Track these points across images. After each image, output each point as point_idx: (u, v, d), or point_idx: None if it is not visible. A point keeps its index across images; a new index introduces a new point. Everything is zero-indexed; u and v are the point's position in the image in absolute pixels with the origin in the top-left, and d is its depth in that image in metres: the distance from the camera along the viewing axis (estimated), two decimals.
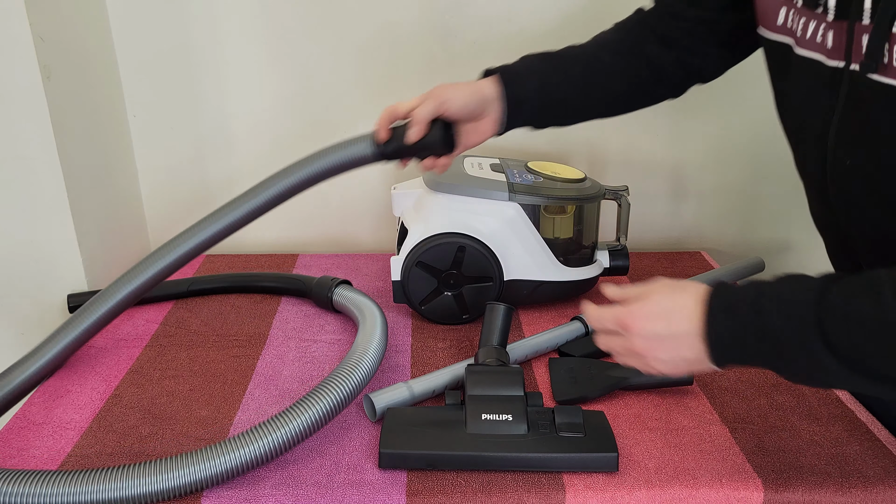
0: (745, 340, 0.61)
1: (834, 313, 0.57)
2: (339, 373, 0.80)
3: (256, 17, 1.19)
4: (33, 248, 1.04)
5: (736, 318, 0.61)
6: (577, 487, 0.73)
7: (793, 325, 0.58)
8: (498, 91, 0.89)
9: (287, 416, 0.74)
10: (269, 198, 0.91)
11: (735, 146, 1.32)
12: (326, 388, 0.77)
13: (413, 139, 0.85)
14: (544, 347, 0.95)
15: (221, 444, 0.71)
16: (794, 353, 0.59)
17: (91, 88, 1.11)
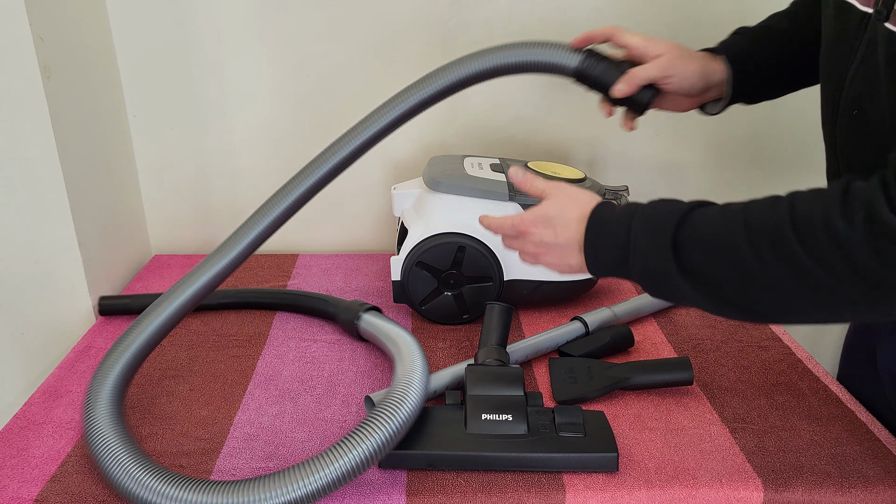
0: (614, 255, 0.67)
1: (690, 235, 0.63)
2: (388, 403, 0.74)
3: (256, 17, 1.19)
4: (33, 249, 1.04)
5: (608, 234, 0.68)
6: (577, 487, 0.73)
7: (654, 243, 0.64)
8: (727, 76, 0.86)
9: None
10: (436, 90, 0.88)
11: (735, 146, 1.32)
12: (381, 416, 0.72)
13: (618, 95, 0.82)
14: (544, 347, 0.95)
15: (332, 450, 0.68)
16: (648, 265, 0.65)
17: (91, 88, 1.11)
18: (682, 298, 0.65)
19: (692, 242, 0.63)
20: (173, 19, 1.18)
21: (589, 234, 0.69)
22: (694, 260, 0.62)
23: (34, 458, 0.77)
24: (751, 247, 0.59)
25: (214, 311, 1.08)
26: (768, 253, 0.58)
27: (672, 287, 0.64)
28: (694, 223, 0.63)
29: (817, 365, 0.95)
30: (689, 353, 0.98)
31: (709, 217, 0.63)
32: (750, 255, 0.59)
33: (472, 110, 1.27)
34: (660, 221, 0.65)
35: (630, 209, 0.68)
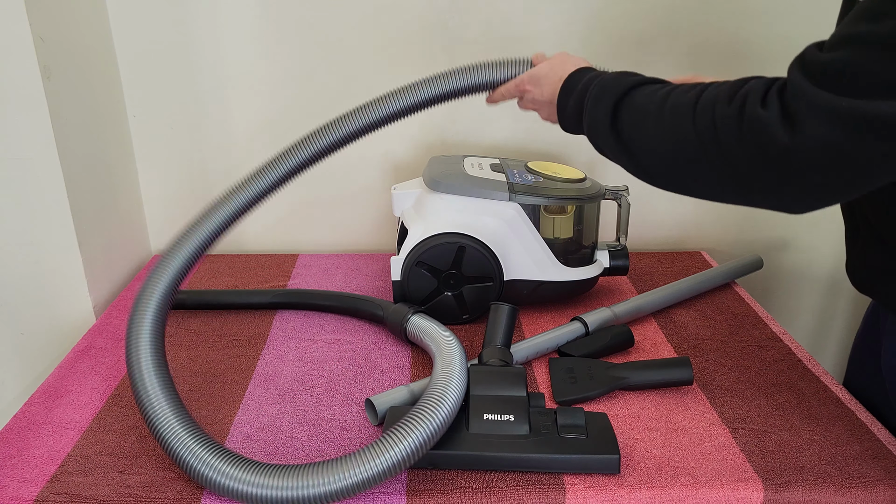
0: (574, 109, 0.80)
1: (628, 103, 0.73)
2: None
3: (256, 17, 1.19)
4: (33, 249, 1.04)
5: (574, 93, 0.81)
6: (578, 488, 0.73)
7: (600, 104, 0.75)
8: None
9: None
10: (408, 104, 0.94)
11: None
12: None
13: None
14: (545, 348, 0.95)
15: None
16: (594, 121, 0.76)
17: (91, 88, 1.11)
18: (610, 152, 0.76)
19: (627, 107, 0.73)
20: (173, 19, 1.18)
21: (561, 92, 0.83)
22: (622, 120, 0.73)
23: (34, 458, 0.77)
24: (659, 115, 0.69)
25: (215, 311, 1.08)
26: (668, 120, 0.68)
27: (603, 138, 0.76)
28: (634, 95, 0.73)
29: (817, 365, 0.95)
30: (689, 353, 0.98)
31: (648, 91, 0.72)
32: (657, 122, 0.69)
33: (472, 110, 1.27)
34: (606, 96, 0.75)
35: (595, 76, 0.79)
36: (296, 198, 1.32)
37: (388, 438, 0.69)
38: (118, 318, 1.07)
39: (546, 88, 0.85)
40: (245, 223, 1.33)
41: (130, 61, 1.20)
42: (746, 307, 1.10)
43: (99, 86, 1.14)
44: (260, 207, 1.31)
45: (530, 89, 0.88)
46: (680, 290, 1.10)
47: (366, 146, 1.29)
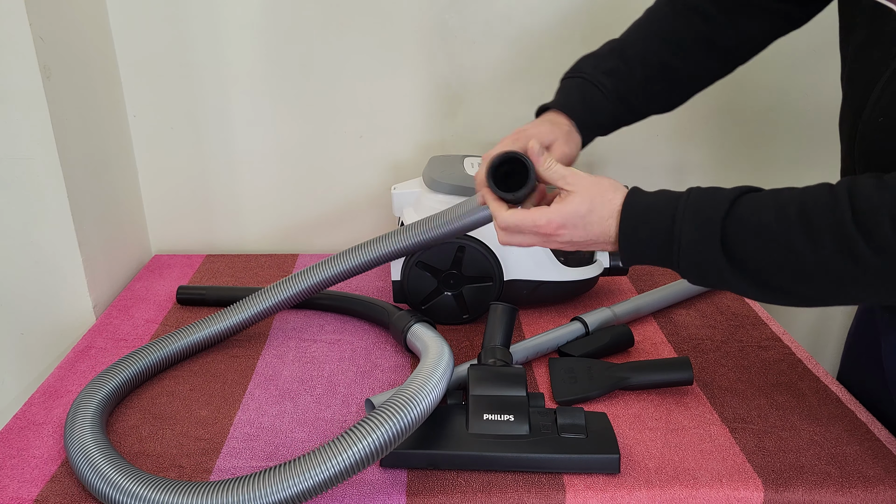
0: (656, 249, 0.66)
1: (739, 228, 0.62)
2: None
3: (256, 17, 1.19)
4: (33, 249, 1.04)
5: (647, 229, 0.66)
6: (578, 488, 0.73)
7: (700, 234, 0.63)
8: (571, 126, 0.86)
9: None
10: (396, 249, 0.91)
11: (735, 146, 1.32)
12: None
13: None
14: (545, 348, 0.95)
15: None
16: (696, 258, 0.64)
17: (91, 88, 1.11)
18: (729, 288, 0.65)
19: (742, 235, 0.62)
20: (173, 19, 1.18)
21: (625, 227, 0.68)
22: (746, 254, 0.62)
23: (34, 458, 0.77)
24: (809, 242, 0.59)
25: (215, 311, 1.08)
26: (829, 247, 0.58)
27: (722, 280, 0.64)
28: (742, 215, 0.62)
29: (817, 365, 0.95)
30: (689, 353, 0.98)
31: (757, 207, 0.62)
32: (808, 250, 0.59)
33: (472, 110, 1.27)
34: (706, 216, 0.64)
35: (669, 201, 0.66)
36: (296, 198, 1.32)
37: (343, 439, 0.66)
38: (118, 318, 1.07)
39: (593, 227, 0.69)
40: (245, 224, 1.33)
41: (130, 61, 1.20)
42: (746, 307, 1.10)
43: (99, 86, 1.14)
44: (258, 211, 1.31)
45: (565, 232, 0.70)
46: (680, 290, 1.10)
47: (366, 146, 1.29)
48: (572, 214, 0.69)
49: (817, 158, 1.30)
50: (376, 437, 0.66)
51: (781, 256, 0.61)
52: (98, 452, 0.71)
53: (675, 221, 0.65)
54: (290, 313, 1.08)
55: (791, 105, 1.29)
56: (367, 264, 0.92)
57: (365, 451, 0.66)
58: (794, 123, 1.30)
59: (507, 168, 0.74)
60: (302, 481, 0.64)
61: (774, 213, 0.61)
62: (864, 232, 0.57)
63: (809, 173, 1.33)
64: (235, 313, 0.95)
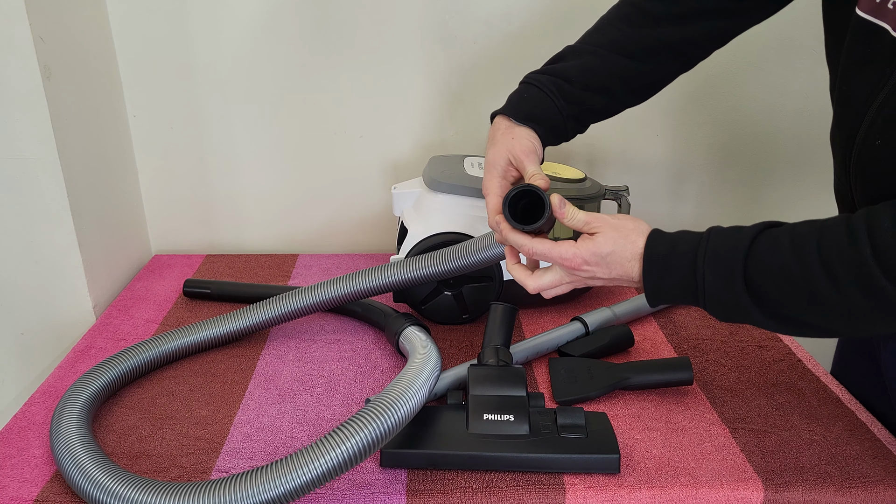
0: (680, 292, 0.69)
1: (761, 270, 0.64)
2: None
3: (256, 17, 1.19)
4: (33, 249, 1.04)
5: (671, 273, 0.69)
6: (578, 487, 0.73)
7: (723, 278, 0.65)
8: (537, 139, 0.85)
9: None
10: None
11: (735, 146, 1.32)
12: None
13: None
14: (545, 348, 0.95)
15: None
16: (721, 299, 0.66)
17: (91, 88, 1.11)
18: (757, 325, 0.67)
19: (764, 276, 0.64)
20: (173, 19, 1.18)
21: (648, 273, 0.70)
22: (768, 294, 0.64)
23: (34, 458, 0.77)
24: (831, 281, 0.60)
25: (202, 302, 1.08)
26: (852, 287, 0.59)
27: (749, 318, 0.66)
28: (762, 256, 0.64)
29: (817, 365, 0.95)
30: (689, 353, 0.98)
31: (777, 248, 0.64)
32: (830, 290, 0.60)
33: (472, 110, 1.27)
34: (726, 260, 0.65)
35: (690, 245, 0.68)
36: (296, 198, 1.32)
37: (329, 440, 0.67)
38: (118, 318, 1.07)
39: (615, 267, 0.71)
40: (245, 224, 1.33)
41: (130, 61, 1.20)
42: None
43: (99, 86, 1.14)
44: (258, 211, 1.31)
45: (588, 269, 0.72)
46: None
47: (366, 146, 1.29)
48: (596, 254, 0.72)
49: (817, 160, 1.30)
50: (354, 443, 0.67)
51: (804, 296, 0.62)
52: (83, 452, 0.72)
53: (696, 266, 0.67)
54: None
55: (791, 106, 1.29)
56: (369, 291, 0.94)
57: (344, 455, 0.66)
58: (795, 124, 1.30)
59: (524, 202, 0.77)
60: (280, 484, 0.64)
61: (793, 251, 0.62)
62: (885, 269, 0.57)
63: (810, 174, 1.33)
64: (237, 319, 0.96)
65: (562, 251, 0.73)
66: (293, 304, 0.95)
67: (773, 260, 0.63)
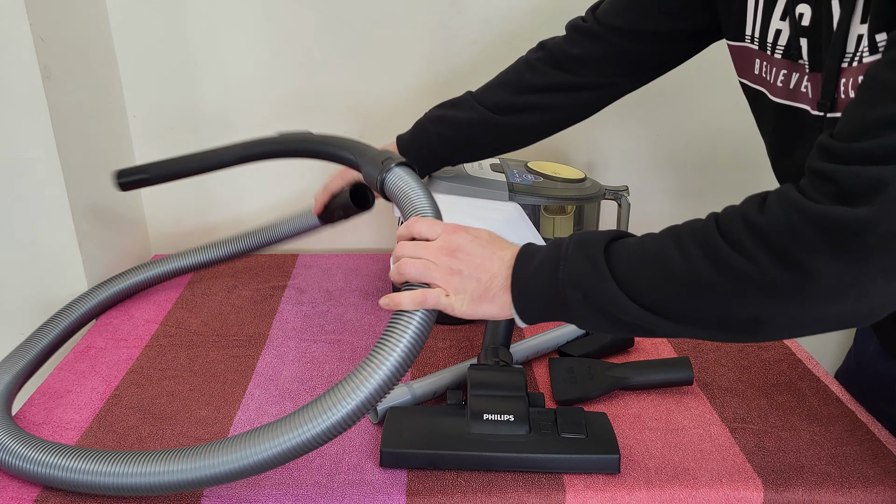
0: (544, 273, 0.64)
1: (621, 250, 0.62)
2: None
3: (256, 17, 1.19)
4: (33, 249, 1.04)
5: (539, 259, 0.65)
6: (578, 487, 0.73)
7: (586, 257, 0.63)
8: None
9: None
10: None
11: (735, 146, 1.32)
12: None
13: (317, 210, 1.06)
14: (545, 348, 0.95)
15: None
16: (583, 284, 0.62)
17: (91, 88, 1.11)
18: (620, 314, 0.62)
19: (622, 254, 0.62)
20: (173, 19, 1.18)
21: (517, 265, 0.67)
22: (623, 269, 0.61)
23: None
24: (678, 248, 0.60)
25: (203, 302, 1.08)
26: (693, 249, 0.59)
27: (610, 304, 0.62)
28: (624, 242, 0.64)
29: (817, 365, 0.95)
30: (689, 353, 0.98)
31: (638, 238, 0.64)
32: (677, 256, 0.60)
33: None
34: (590, 242, 0.64)
35: (556, 241, 0.67)
36: (295, 198, 1.32)
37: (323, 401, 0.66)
38: (118, 319, 1.07)
39: (491, 257, 0.69)
40: (245, 224, 1.33)
41: (130, 61, 1.20)
42: None
43: (99, 86, 1.14)
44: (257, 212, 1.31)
45: (463, 242, 0.69)
46: None
47: None
48: (476, 233, 0.70)
49: None
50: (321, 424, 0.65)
51: (656, 269, 0.60)
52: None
53: (561, 248, 0.65)
54: (291, 313, 1.08)
55: None
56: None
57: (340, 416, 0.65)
58: None
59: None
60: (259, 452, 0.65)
61: (652, 237, 0.63)
62: (722, 231, 0.58)
63: None
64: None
65: (431, 222, 0.72)
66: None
67: (634, 244, 0.63)
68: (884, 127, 0.53)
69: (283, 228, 1.13)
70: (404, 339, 0.68)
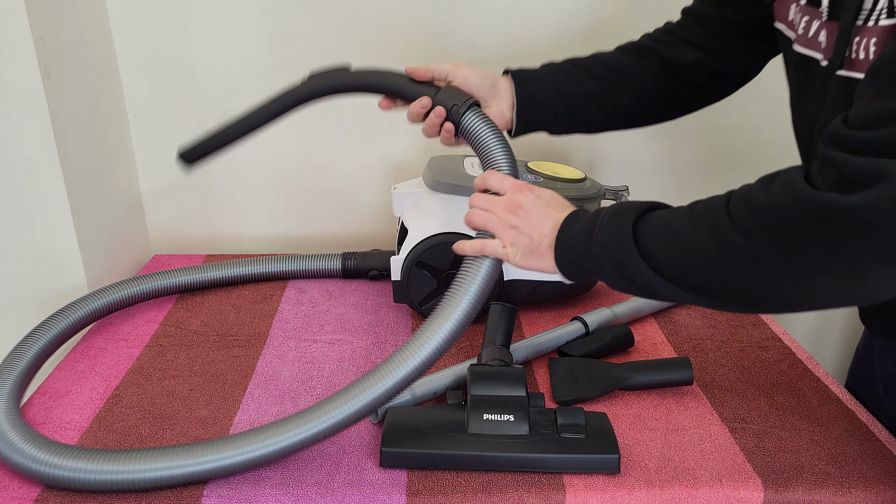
0: (581, 239, 0.71)
1: (648, 222, 0.67)
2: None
3: (256, 17, 1.19)
4: (33, 249, 1.04)
5: (578, 226, 0.72)
6: (578, 487, 0.73)
7: (615, 226, 0.68)
8: (510, 87, 0.91)
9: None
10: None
11: (735, 146, 1.32)
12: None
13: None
14: (545, 348, 0.95)
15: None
16: (610, 249, 0.68)
17: (91, 88, 1.11)
18: (640, 279, 0.67)
19: (648, 229, 0.67)
20: (173, 19, 1.18)
21: (563, 227, 0.73)
22: (646, 241, 0.66)
23: None
24: (692, 225, 0.64)
25: (203, 302, 1.08)
26: (704, 228, 0.63)
27: (632, 265, 0.67)
28: (653, 215, 0.68)
29: (817, 365, 0.95)
30: (689, 353, 0.98)
31: (666, 212, 0.68)
32: (691, 233, 0.64)
33: None
34: (623, 212, 0.69)
35: (599, 209, 0.72)
36: (296, 198, 1.32)
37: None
38: (118, 318, 1.07)
39: (544, 217, 0.75)
40: (245, 224, 1.33)
41: (130, 61, 1.20)
42: None
43: (99, 86, 1.14)
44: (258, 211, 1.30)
45: (525, 200, 0.76)
46: None
47: (366, 146, 1.29)
48: (540, 193, 0.76)
49: None
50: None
51: (673, 244, 0.65)
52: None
53: (598, 216, 0.71)
54: (291, 313, 1.08)
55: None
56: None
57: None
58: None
59: None
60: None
61: (676, 210, 0.67)
62: (730, 212, 0.62)
63: None
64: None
65: (502, 176, 0.79)
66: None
67: (662, 215, 0.68)
68: (891, 120, 0.54)
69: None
70: (476, 279, 0.76)
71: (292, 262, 1.18)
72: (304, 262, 1.18)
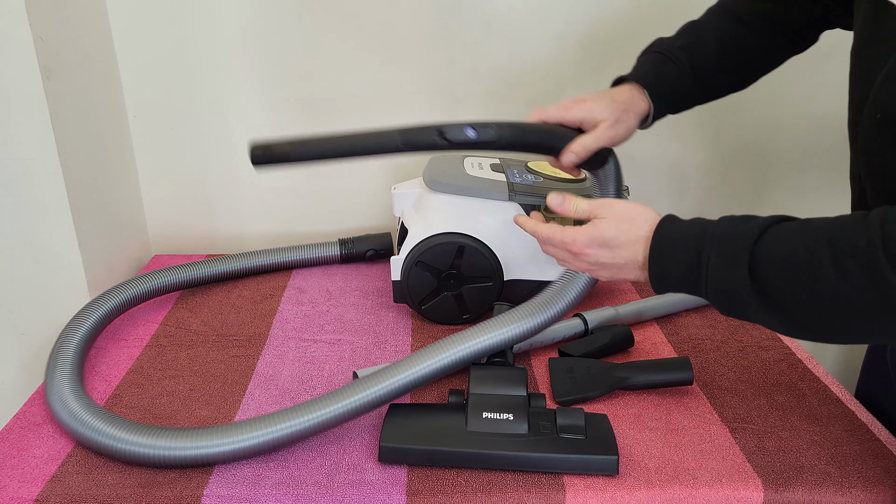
0: (683, 275, 0.66)
1: (767, 257, 0.61)
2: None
3: (256, 17, 1.19)
4: (33, 249, 1.04)
5: (675, 255, 0.67)
6: (577, 488, 0.73)
7: (727, 264, 0.63)
8: (650, 107, 0.90)
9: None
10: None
11: (736, 146, 1.32)
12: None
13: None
14: (539, 341, 0.95)
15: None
16: (723, 287, 0.64)
17: (91, 88, 1.11)
18: (757, 320, 0.64)
19: (770, 267, 0.61)
20: (173, 19, 1.18)
21: (653, 255, 0.68)
22: (772, 283, 0.61)
23: (34, 458, 0.77)
24: (836, 268, 0.57)
25: (203, 302, 1.08)
26: (856, 273, 0.56)
27: (749, 310, 0.63)
28: (770, 245, 0.61)
29: (817, 365, 0.95)
30: (689, 353, 0.98)
31: (786, 235, 0.61)
32: (834, 276, 0.57)
33: (473, 110, 1.27)
34: (733, 244, 0.63)
35: (698, 228, 0.67)
36: (296, 198, 1.32)
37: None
38: (118, 318, 1.07)
39: (619, 251, 0.70)
40: (245, 224, 1.33)
41: (130, 61, 1.20)
42: None
43: (99, 86, 1.14)
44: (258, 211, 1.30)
45: (591, 252, 0.71)
46: (687, 298, 1.08)
47: None
48: (598, 238, 0.71)
49: (819, 157, 1.30)
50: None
51: (808, 283, 0.59)
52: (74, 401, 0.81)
53: (702, 249, 0.65)
54: (291, 313, 1.08)
55: (793, 104, 1.29)
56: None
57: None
58: (797, 122, 1.30)
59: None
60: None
61: (802, 239, 0.60)
62: (890, 258, 0.55)
63: (811, 172, 1.33)
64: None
65: (563, 235, 0.73)
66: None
67: (782, 247, 0.61)
68: None
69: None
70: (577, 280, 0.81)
71: (290, 253, 1.21)
72: (303, 252, 1.21)
